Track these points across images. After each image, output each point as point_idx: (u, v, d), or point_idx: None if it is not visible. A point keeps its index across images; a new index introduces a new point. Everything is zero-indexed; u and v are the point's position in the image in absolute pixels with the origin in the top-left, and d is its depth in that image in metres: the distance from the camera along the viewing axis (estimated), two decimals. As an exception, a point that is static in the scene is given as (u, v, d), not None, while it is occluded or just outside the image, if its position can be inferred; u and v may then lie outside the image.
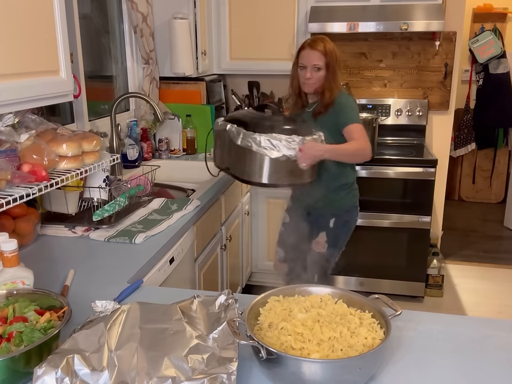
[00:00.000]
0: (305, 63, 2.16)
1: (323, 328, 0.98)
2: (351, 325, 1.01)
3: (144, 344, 0.94)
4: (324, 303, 1.09)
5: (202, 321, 1.03)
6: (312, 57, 2.15)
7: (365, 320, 1.03)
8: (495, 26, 4.75)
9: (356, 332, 0.99)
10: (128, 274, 1.44)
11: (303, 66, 2.18)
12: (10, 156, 1.45)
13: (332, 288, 1.14)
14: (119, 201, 1.85)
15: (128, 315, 1.03)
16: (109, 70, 2.93)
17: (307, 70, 2.16)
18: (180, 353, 0.91)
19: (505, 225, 4.67)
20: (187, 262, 1.98)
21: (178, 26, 2.89)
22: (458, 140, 5.08)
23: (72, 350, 0.91)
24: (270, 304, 1.08)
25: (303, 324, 0.99)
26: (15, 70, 1.38)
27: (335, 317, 1.03)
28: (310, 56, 2.15)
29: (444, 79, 3.41)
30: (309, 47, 2.16)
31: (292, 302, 1.08)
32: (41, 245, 1.68)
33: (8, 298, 1.10)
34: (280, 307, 1.06)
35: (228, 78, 3.68)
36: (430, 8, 3.02)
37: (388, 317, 1.02)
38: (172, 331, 0.98)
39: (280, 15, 3.19)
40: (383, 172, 3.03)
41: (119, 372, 0.87)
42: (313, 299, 1.10)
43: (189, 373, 0.87)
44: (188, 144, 3.11)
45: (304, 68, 2.17)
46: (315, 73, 2.16)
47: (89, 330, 0.98)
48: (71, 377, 0.85)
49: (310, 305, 1.07)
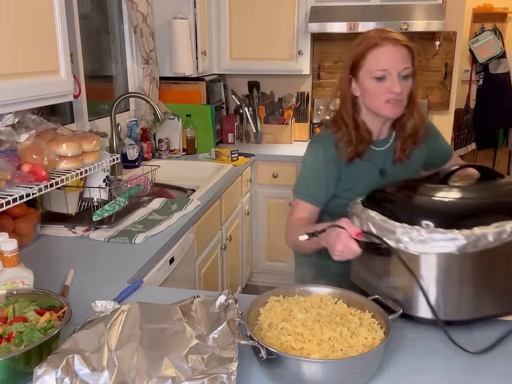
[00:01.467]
0: (390, 68, 1.33)
1: (323, 328, 0.97)
2: (351, 325, 1.00)
3: (144, 344, 0.93)
4: (324, 303, 1.08)
5: (202, 321, 1.03)
6: (399, 58, 1.34)
7: (365, 320, 1.02)
8: (495, 26, 4.75)
9: (356, 332, 0.98)
10: (128, 274, 1.44)
11: (381, 77, 1.34)
12: (10, 156, 1.45)
13: (332, 288, 1.13)
14: (119, 201, 1.85)
15: (128, 315, 1.03)
16: (109, 70, 2.93)
17: (392, 80, 1.34)
18: (180, 353, 0.91)
19: (505, 225, 4.66)
20: (187, 262, 1.98)
21: (178, 26, 2.89)
22: (458, 139, 5.07)
23: (72, 350, 0.91)
24: (270, 304, 1.07)
25: (303, 324, 0.99)
26: (15, 70, 1.38)
27: (335, 317, 1.03)
28: (396, 56, 1.34)
29: (444, 79, 3.41)
30: (390, 43, 1.34)
31: (292, 302, 1.07)
32: (41, 245, 1.68)
33: (8, 298, 1.10)
34: (280, 307, 1.05)
35: (228, 78, 3.68)
36: (430, 8, 3.02)
37: (388, 317, 1.01)
38: (172, 331, 0.98)
39: (280, 15, 3.19)
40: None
41: (119, 372, 0.87)
42: (313, 299, 1.09)
43: (189, 373, 0.87)
44: (187, 144, 3.11)
45: (382, 78, 1.35)
46: (405, 84, 1.36)
47: (89, 330, 0.98)
48: (71, 377, 0.85)
49: (310, 305, 1.07)
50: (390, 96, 1.34)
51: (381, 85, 1.35)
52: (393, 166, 1.48)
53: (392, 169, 1.48)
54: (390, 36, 1.34)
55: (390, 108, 1.37)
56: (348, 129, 1.42)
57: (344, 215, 1.30)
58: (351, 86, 1.43)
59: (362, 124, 1.44)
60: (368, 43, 1.36)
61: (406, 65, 1.34)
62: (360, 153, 1.43)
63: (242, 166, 2.88)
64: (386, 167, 1.48)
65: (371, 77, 1.35)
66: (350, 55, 1.42)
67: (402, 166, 1.48)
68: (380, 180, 1.46)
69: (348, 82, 1.43)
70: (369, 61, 1.35)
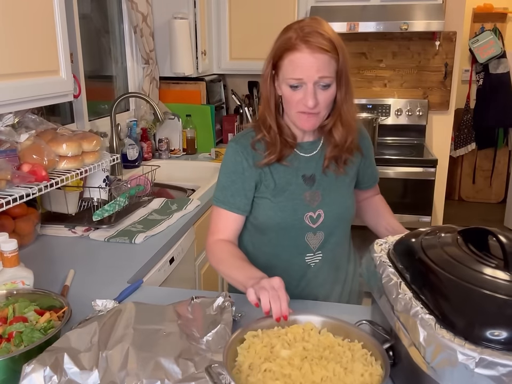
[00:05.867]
0: (305, 77, 1.17)
1: (313, 367, 0.84)
2: (343, 359, 0.87)
3: (135, 344, 0.92)
4: (307, 334, 0.95)
5: (198, 323, 1.02)
6: (316, 67, 1.16)
7: (356, 352, 0.89)
8: (495, 26, 4.75)
9: (350, 367, 0.85)
10: (128, 274, 1.44)
11: (296, 86, 1.19)
12: (10, 156, 1.45)
13: (314, 314, 1.00)
14: (119, 201, 1.85)
15: (123, 315, 1.02)
16: (109, 70, 2.93)
17: (307, 92, 1.18)
18: (171, 355, 0.89)
19: (505, 225, 4.66)
20: (187, 262, 1.98)
21: (178, 26, 2.89)
22: (458, 139, 5.08)
23: (63, 348, 0.90)
24: (248, 341, 0.92)
25: (290, 362, 0.85)
26: (15, 70, 1.38)
27: (323, 350, 0.90)
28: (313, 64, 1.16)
29: (444, 79, 3.41)
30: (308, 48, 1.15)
31: (272, 336, 0.93)
32: (41, 245, 1.68)
33: (8, 298, 1.10)
34: (260, 344, 0.90)
35: (228, 78, 3.68)
36: (430, 8, 3.02)
37: (382, 346, 0.87)
38: (165, 332, 0.97)
39: (280, 15, 3.18)
40: (383, 171, 3.03)
41: (109, 372, 0.87)
42: (295, 330, 0.95)
43: (178, 376, 0.86)
44: (187, 144, 3.11)
45: (298, 87, 1.19)
46: (324, 95, 1.20)
47: (82, 329, 0.97)
48: (59, 375, 0.85)
49: (293, 338, 0.93)
50: (303, 109, 1.20)
51: (295, 94, 1.19)
52: (324, 174, 1.33)
53: (322, 178, 1.33)
54: (312, 39, 1.14)
55: (303, 120, 1.22)
56: (271, 133, 1.27)
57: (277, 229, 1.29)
58: (274, 83, 1.25)
59: (287, 128, 1.30)
60: (287, 43, 1.18)
61: (324, 74, 1.16)
62: (281, 157, 1.29)
63: (242, 166, 2.88)
64: (315, 173, 1.32)
65: (286, 84, 1.20)
66: (273, 46, 1.24)
67: (334, 176, 1.33)
68: (306, 186, 1.32)
69: (271, 78, 1.25)
70: (285, 65, 1.19)
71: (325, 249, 1.36)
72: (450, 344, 0.72)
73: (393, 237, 1.07)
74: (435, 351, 0.74)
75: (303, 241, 1.34)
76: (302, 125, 1.24)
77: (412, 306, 0.81)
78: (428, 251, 0.91)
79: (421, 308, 0.80)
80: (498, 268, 0.82)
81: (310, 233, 1.33)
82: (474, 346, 0.71)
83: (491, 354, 0.70)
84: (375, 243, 1.05)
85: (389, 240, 1.06)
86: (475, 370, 0.69)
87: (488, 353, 0.70)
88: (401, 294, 0.85)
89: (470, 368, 0.70)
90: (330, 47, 1.17)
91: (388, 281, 0.91)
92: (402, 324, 0.83)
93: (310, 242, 1.35)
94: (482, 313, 0.75)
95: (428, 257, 0.89)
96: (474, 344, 0.71)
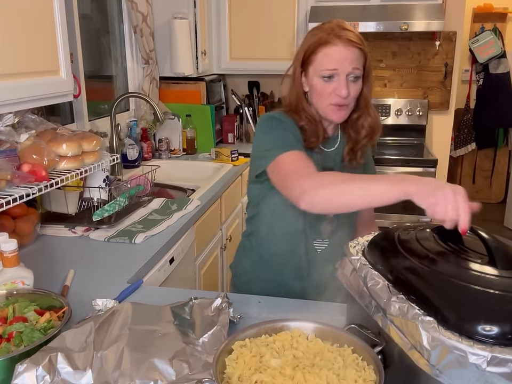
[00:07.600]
0: (339, 68, 1.27)
1: (306, 376, 0.81)
2: (334, 365, 0.85)
3: (130, 345, 0.92)
4: (295, 341, 0.92)
5: (195, 324, 1.02)
6: (349, 59, 1.27)
7: (347, 357, 0.86)
8: (495, 26, 4.75)
9: (342, 374, 0.82)
10: (128, 274, 1.44)
11: (329, 76, 1.28)
12: (10, 156, 1.45)
13: (302, 320, 0.97)
14: (119, 201, 1.85)
15: (119, 315, 1.02)
16: (109, 70, 2.93)
17: (340, 82, 1.27)
18: (166, 356, 0.89)
19: (505, 225, 4.67)
20: (187, 262, 1.98)
21: (178, 26, 2.89)
22: (458, 139, 5.08)
23: (58, 348, 0.90)
24: (236, 351, 0.88)
25: (281, 372, 0.82)
26: (15, 70, 1.38)
27: (313, 357, 0.87)
28: (347, 57, 1.26)
29: (444, 79, 3.41)
30: (342, 42, 1.26)
31: (261, 345, 0.89)
32: (41, 245, 1.68)
33: (8, 298, 1.10)
34: (249, 354, 0.87)
35: (228, 78, 3.68)
36: (430, 8, 3.02)
37: (373, 350, 0.85)
38: (161, 333, 0.96)
39: (280, 15, 3.19)
40: (383, 171, 3.03)
41: (103, 372, 0.86)
42: (283, 337, 0.92)
43: (172, 377, 0.85)
44: (187, 144, 3.11)
45: (330, 78, 1.28)
46: (354, 87, 1.30)
47: (78, 329, 0.97)
48: (52, 375, 0.84)
49: (281, 346, 0.90)
50: (335, 100, 1.28)
51: (328, 86, 1.28)
52: (342, 168, 1.40)
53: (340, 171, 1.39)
54: (344, 35, 1.26)
55: (335, 111, 1.31)
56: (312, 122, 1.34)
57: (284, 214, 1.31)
58: (301, 80, 1.35)
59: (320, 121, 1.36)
60: (321, 39, 1.27)
61: (356, 65, 1.27)
62: (316, 145, 1.36)
63: (242, 166, 2.88)
64: (334, 167, 1.39)
65: (319, 75, 1.28)
66: (302, 46, 1.33)
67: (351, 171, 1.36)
68: None
69: (300, 75, 1.35)
70: (319, 58, 1.28)
71: (335, 236, 1.42)
72: (459, 346, 0.71)
73: (362, 238, 1.04)
74: (441, 353, 0.73)
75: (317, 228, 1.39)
76: (333, 117, 1.32)
77: (409, 309, 0.79)
78: (408, 250, 0.90)
79: (418, 310, 0.78)
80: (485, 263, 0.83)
81: (324, 223, 1.39)
82: (484, 346, 0.71)
83: (502, 351, 0.70)
84: (349, 246, 1.01)
85: (360, 241, 1.03)
86: (487, 369, 0.69)
87: (498, 351, 0.70)
88: (393, 297, 0.82)
89: (481, 368, 0.69)
90: (360, 42, 1.28)
91: (375, 284, 0.88)
92: (397, 327, 0.80)
93: (322, 230, 1.40)
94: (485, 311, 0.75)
95: (411, 256, 0.88)
96: (483, 344, 0.71)
